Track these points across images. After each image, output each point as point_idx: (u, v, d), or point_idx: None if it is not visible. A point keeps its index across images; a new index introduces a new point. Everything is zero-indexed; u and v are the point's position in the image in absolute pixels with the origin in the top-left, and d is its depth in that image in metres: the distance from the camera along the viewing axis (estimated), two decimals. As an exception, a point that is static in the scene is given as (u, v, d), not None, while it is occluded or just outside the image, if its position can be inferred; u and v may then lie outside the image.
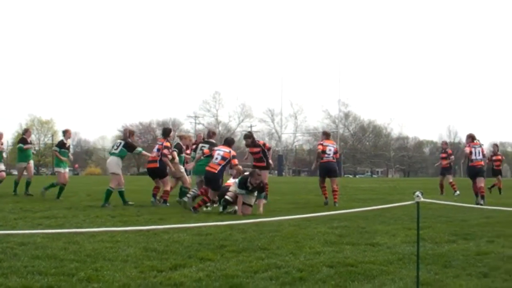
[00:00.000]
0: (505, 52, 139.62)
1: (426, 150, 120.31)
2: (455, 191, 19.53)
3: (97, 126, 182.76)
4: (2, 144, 16.54)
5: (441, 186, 20.74)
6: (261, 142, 14.93)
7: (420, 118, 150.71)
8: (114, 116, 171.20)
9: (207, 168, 12.24)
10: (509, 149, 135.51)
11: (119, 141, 14.12)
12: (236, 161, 12.50)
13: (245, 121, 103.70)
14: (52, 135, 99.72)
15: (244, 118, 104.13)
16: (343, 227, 9.02)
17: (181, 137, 15.54)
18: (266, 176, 13.96)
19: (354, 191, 23.10)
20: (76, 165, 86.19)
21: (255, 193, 11.73)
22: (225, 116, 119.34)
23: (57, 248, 6.79)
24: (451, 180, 20.38)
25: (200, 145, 14.33)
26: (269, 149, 14.60)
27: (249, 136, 14.60)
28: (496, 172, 22.30)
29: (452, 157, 21.60)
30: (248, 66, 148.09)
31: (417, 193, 5.07)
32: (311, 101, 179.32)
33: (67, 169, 16.02)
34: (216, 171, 12.06)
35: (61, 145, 15.85)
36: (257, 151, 14.21)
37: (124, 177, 14.32)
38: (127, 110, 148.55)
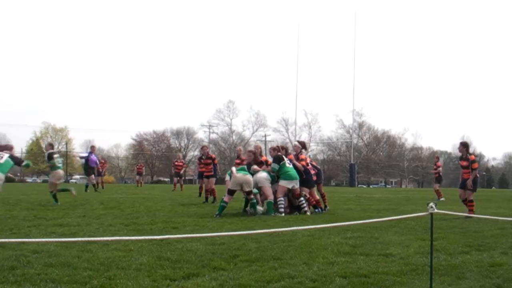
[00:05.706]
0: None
1: (440, 160, 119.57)
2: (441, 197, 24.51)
3: (111, 135, 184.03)
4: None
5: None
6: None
7: (435, 129, 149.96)
8: (128, 125, 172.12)
9: None
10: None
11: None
12: None
13: (259, 130, 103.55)
14: (66, 143, 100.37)
15: (258, 128, 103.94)
16: (357, 238, 8.98)
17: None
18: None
19: (367, 201, 22.98)
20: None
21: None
22: (239, 125, 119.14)
23: (70, 256, 6.82)
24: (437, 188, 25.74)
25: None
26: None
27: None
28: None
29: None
30: (263, 75, 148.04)
31: (431, 204, 5.06)
32: (325, 111, 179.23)
33: None
34: None
35: None
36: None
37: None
38: (141, 119, 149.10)
